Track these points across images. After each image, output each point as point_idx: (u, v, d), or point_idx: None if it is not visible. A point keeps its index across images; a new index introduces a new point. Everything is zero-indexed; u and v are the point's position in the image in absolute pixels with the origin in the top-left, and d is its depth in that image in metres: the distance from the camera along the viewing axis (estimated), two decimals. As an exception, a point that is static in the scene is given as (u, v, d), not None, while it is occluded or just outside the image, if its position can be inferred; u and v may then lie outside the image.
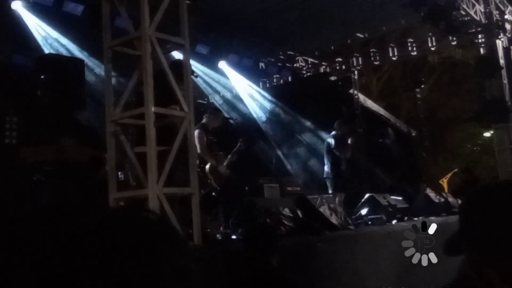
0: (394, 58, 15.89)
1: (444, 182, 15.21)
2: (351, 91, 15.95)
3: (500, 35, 13.93)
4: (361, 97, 16.91)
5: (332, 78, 16.22)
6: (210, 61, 13.19)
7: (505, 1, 15.11)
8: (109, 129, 5.02)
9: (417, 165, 15.08)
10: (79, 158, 7.24)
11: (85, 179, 6.12)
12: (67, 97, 8.07)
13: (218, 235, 6.11)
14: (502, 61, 13.88)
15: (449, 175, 15.52)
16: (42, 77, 8.01)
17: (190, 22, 5.74)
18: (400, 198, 9.68)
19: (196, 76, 7.23)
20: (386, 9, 12.51)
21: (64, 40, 10.18)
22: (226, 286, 4.07)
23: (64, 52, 10.08)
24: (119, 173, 5.59)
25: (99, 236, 0.64)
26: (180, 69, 5.37)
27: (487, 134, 22.42)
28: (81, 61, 9.10)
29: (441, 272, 3.30)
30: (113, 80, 5.54)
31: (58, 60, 8.80)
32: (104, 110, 5.20)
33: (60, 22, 9.93)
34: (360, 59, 16.01)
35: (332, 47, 15.69)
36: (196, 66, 11.53)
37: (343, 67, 16.18)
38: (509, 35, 14.54)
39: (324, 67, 16.47)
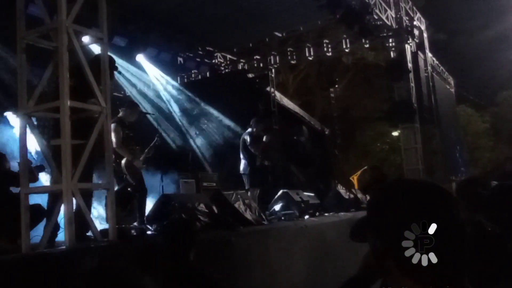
0: (310, 58, 16.31)
1: (354, 179, 15.61)
2: (268, 88, 16.18)
3: (409, 40, 14.66)
4: (278, 94, 17.17)
5: (250, 75, 16.39)
6: (127, 54, 12.95)
7: (414, 8, 15.93)
8: (21, 122, 4.87)
9: (330, 162, 15.53)
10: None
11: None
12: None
13: (133, 231, 6.06)
14: (410, 65, 14.63)
15: (358, 172, 15.86)
16: None
17: (107, 13, 5.62)
18: (312, 194, 9.97)
19: (120, 72, 7.10)
20: (303, 9, 12.78)
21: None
22: (142, 281, 4.07)
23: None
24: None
25: None
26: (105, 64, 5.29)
27: (395, 134, 23.42)
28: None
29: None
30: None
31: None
32: (12, 102, 5.03)
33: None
34: (277, 57, 16.31)
35: (251, 45, 15.86)
36: (112, 58, 11.28)
37: (261, 64, 16.43)
38: (417, 41, 15.35)
39: (242, 64, 16.62)
